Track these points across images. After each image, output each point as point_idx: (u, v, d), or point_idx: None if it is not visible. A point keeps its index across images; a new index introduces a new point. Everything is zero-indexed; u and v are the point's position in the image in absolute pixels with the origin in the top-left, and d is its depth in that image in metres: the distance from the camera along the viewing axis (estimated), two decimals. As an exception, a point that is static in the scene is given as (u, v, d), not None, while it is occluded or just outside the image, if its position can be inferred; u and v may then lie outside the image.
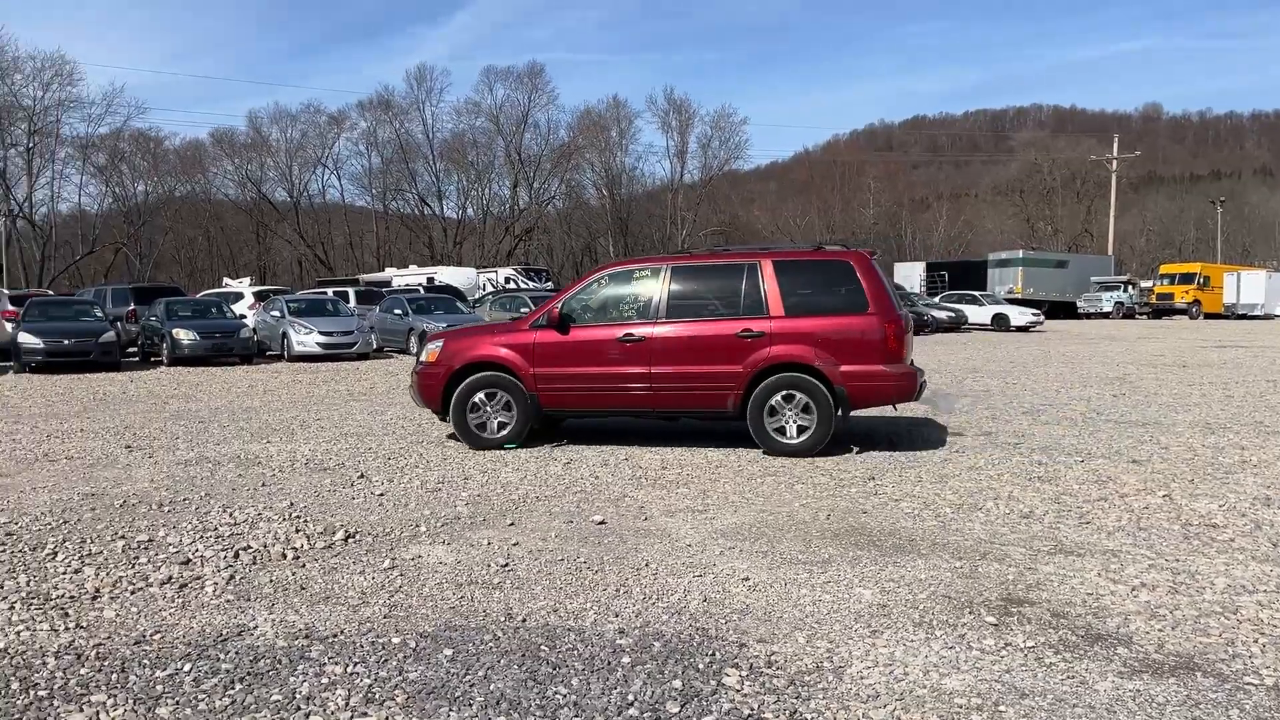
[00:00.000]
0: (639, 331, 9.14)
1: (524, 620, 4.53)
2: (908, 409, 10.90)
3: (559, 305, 9.43)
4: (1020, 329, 36.12)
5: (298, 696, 3.69)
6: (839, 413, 8.87)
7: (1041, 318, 38.29)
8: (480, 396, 9.37)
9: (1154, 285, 55.23)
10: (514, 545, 5.84)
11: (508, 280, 43.04)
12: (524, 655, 4.09)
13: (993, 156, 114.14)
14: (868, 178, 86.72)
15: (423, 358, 9.92)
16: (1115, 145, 68.40)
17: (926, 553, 5.61)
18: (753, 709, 3.57)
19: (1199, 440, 9.60)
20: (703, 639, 4.27)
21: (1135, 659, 4.02)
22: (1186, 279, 53.69)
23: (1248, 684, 3.76)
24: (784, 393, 8.88)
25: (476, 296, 34.61)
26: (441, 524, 6.38)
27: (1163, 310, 52.13)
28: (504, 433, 9.35)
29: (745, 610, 4.65)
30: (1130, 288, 52.90)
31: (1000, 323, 36.80)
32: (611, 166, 78.29)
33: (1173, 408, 12.28)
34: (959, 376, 17.02)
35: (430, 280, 39.11)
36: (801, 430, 8.83)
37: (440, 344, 9.79)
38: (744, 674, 3.88)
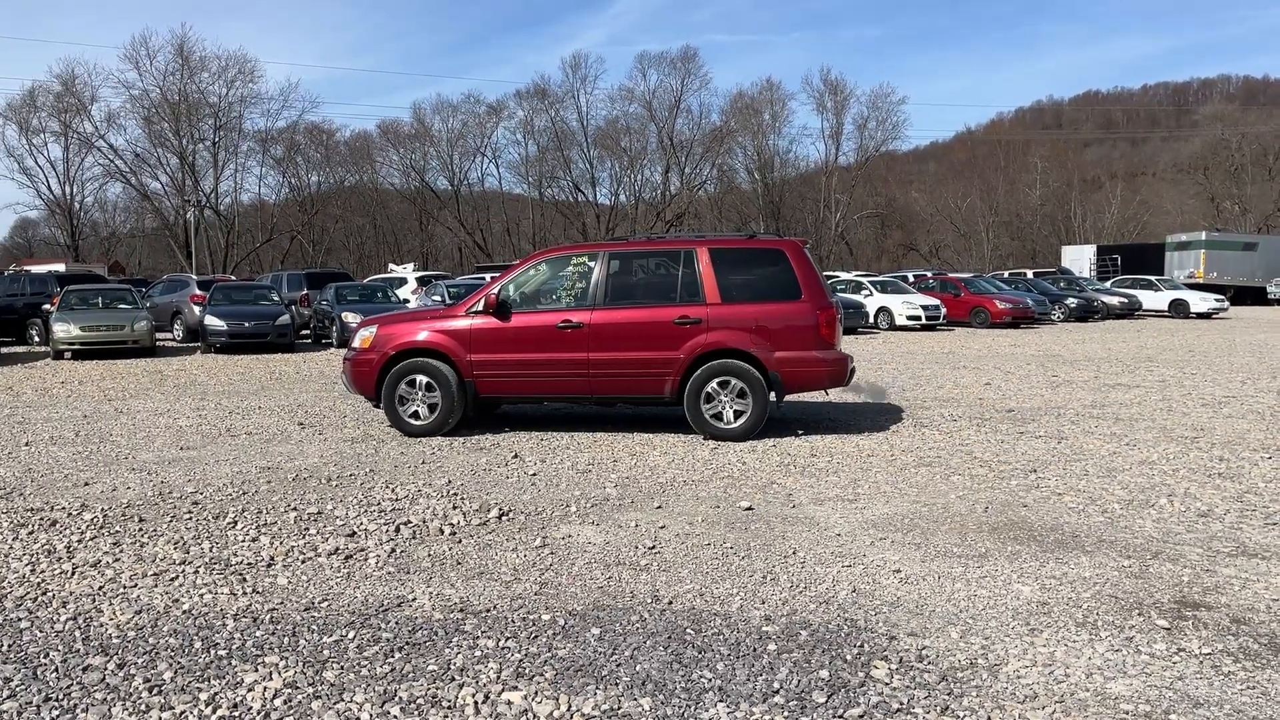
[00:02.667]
0: (577, 318, 9.16)
1: (670, 603, 4.56)
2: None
3: (495, 291, 9.38)
4: (1201, 316, 33.85)
5: (452, 667, 3.82)
6: (774, 397, 9.04)
7: (1226, 304, 35.76)
8: (411, 382, 9.33)
9: (1357, 269, 50.63)
10: (661, 528, 5.88)
11: (659, 265, 43.24)
12: (670, 638, 4.11)
13: (1174, 132, 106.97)
14: (1034, 157, 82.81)
15: (354, 344, 9.78)
16: (1314, 117, 62.89)
17: (1092, 550, 5.34)
18: (902, 703, 3.48)
19: (1407, 438, 8.76)
20: (851, 630, 4.19)
21: (1327, 673, 3.71)
22: (1395, 262, 48.92)
23: None
24: (720, 378, 8.96)
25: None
26: (591, 505, 6.49)
27: (1367, 296, 47.76)
28: (432, 418, 9.29)
29: (896, 602, 4.53)
30: (1329, 272, 48.66)
31: (1179, 309, 34.59)
32: (764, 149, 77.51)
33: (1377, 402, 11.24)
34: (1130, 366, 16.09)
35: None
36: (738, 415, 8.97)
37: (374, 330, 9.66)
38: (893, 667, 3.79)
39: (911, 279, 33.81)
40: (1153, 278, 39.06)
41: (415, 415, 9.36)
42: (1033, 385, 13.28)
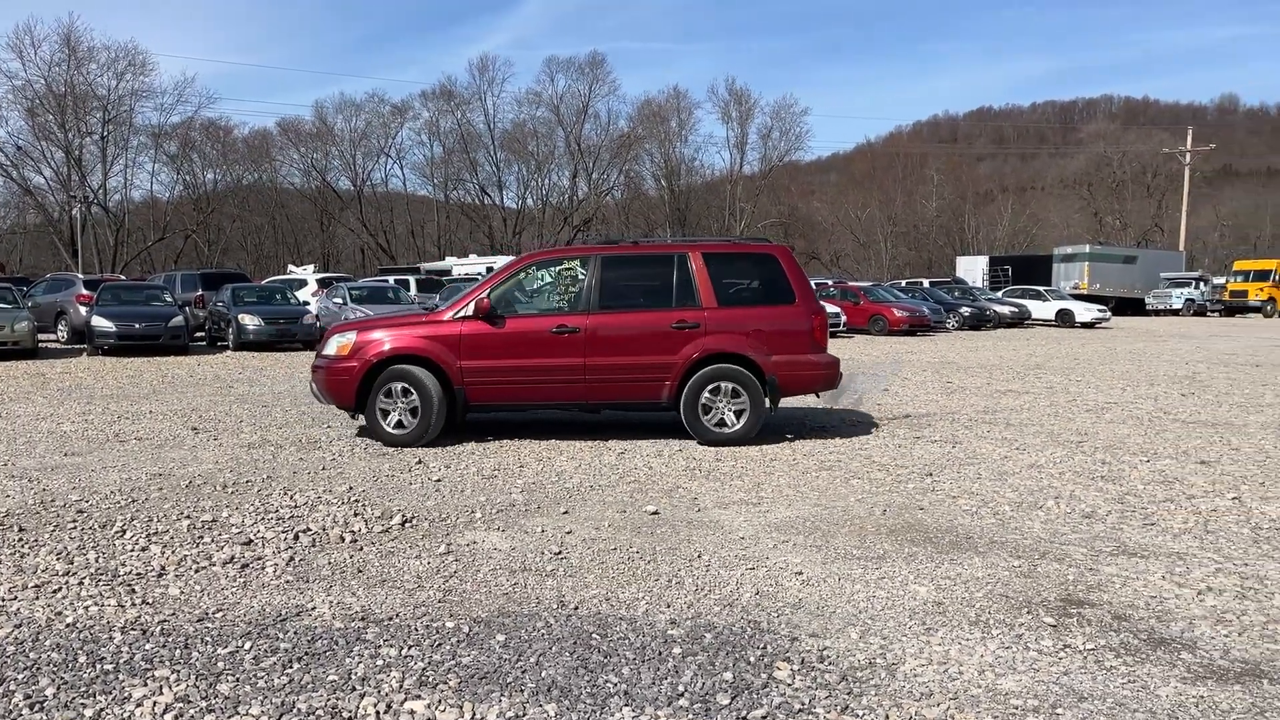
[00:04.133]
0: (573, 322, 9.01)
1: (576, 608, 4.56)
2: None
3: (487, 295, 9.09)
4: (1085, 325, 35.33)
5: (353, 677, 3.75)
6: (769, 401, 9.13)
7: (1108, 314, 37.38)
8: (390, 391, 8.92)
9: (1227, 282, 53.55)
10: (568, 533, 5.87)
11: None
12: (575, 643, 4.11)
13: (1060, 149, 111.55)
14: (930, 170, 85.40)
15: (328, 351, 9.25)
16: (1189, 138, 66.46)
17: (984, 551, 5.53)
18: (804, 703, 3.55)
19: (1272, 442, 9.31)
20: (755, 632, 4.25)
21: (1200, 665, 3.92)
22: (1262, 276, 51.91)
23: (1318, 694, 3.64)
24: (717, 383, 9.03)
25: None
26: (497, 511, 6.44)
27: (1236, 308, 50.55)
28: (414, 427, 8.88)
29: (798, 604, 4.62)
30: (1202, 284, 51.42)
31: (1064, 318, 36.03)
32: (671, 157, 78.18)
33: (1245, 408, 11.92)
34: (1020, 373, 16.70)
35: (489, 270, 39.42)
36: (738, 416, 9.04)
37: (352, 336, 9.15)
38: (795, 668, 3.86)
39: (813, 287, 34.42)
40: (1041, 288, 40.61)
41: (399, 425, 8.93)
42: (928, 391, 13.68)
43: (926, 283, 43.73)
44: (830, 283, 37.40)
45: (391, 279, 31.70)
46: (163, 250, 65.29)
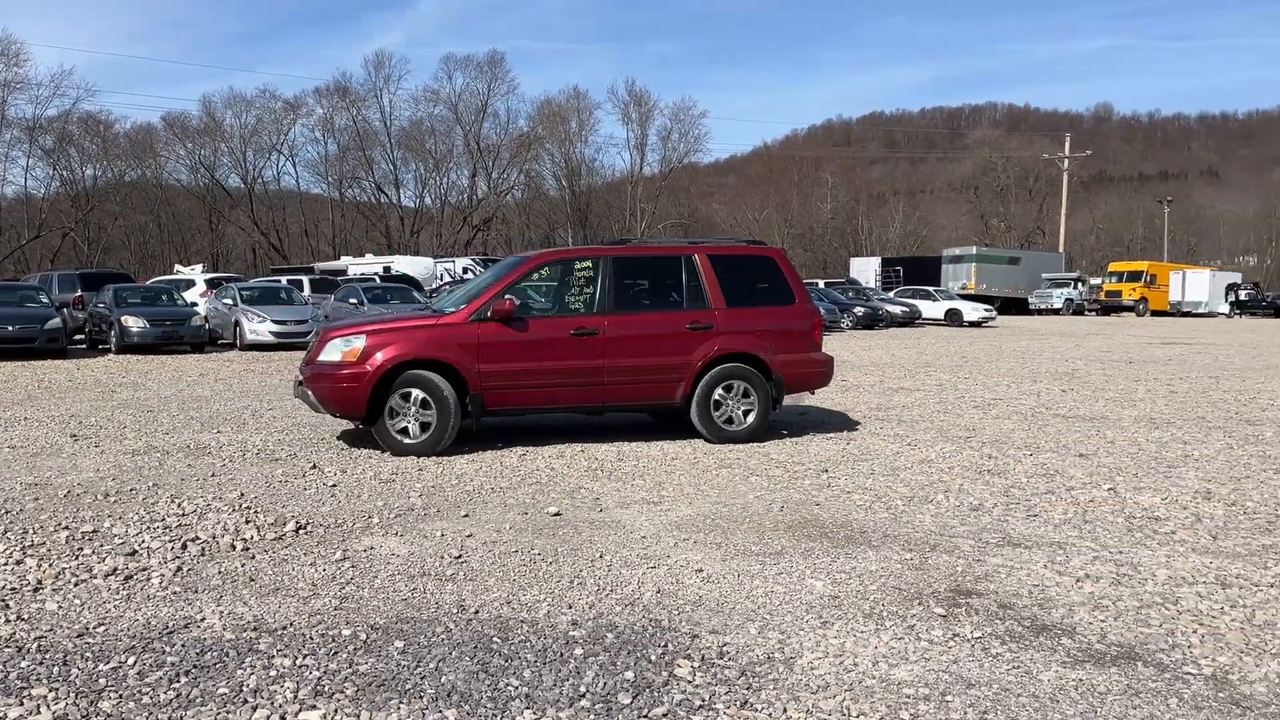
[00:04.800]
0: (592, 324, 8.92)
1: (477, 612, 4.52)
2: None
3: (505, 296, 8.80)
4: (973, 324, 36.58)
5: (245, 689, 3.64)
6: (775, 399, 9.42)
7: (994, 313, 38.78)
8: (406, 396, 8.49)
9: (1103, 283, 56.19)
10: (468, 537, 5.82)
11: (465, 270, 42.76)
12: (476, 647, 4.08)
13: (948, 154, 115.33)
14: (825, 173, 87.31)
15: (328, 356, 8.66)
16: (1067, 144, 69.50)
17: (878, 544, 5.68)
18: (704, 700, 3.59)
19: (1144, 435, 9.80)
20: (656, 630, 4.28)
21: (1078, 649, 4.10)
22: (1134, 277, 54.69)
23: (1186, 673, 3.85)
24: (728, 381, 9.18)
25: (434, 286, 34.35)
26: (395, 515, 6.33)
27: (1111, 307, 53.07)
28: (426, 435, 8.48)
29: (698, 602, 4.67)
30: (1080, 285, 53.81)
31: (953, 318, 37.24)
32: (571, 157, 78.13)
33: (1119, 403, 12.52)
34: (911, 370, 17.21)
35: (386, 269, 38.71)
36: (745, 415, 9.24)
37: (360, 340, 8.58)
38: (696, 665, 3.90)
39: None
40: (930, 288, 41.89)
41: (405, 432, 8.47)
42: (824, 390, 13.96)
43: (822, 283, 44.62)
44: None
45: (284, 279, 30.87)
46: (38, 249, 62.20)
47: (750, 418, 9.22)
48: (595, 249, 9.70)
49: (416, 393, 8.51)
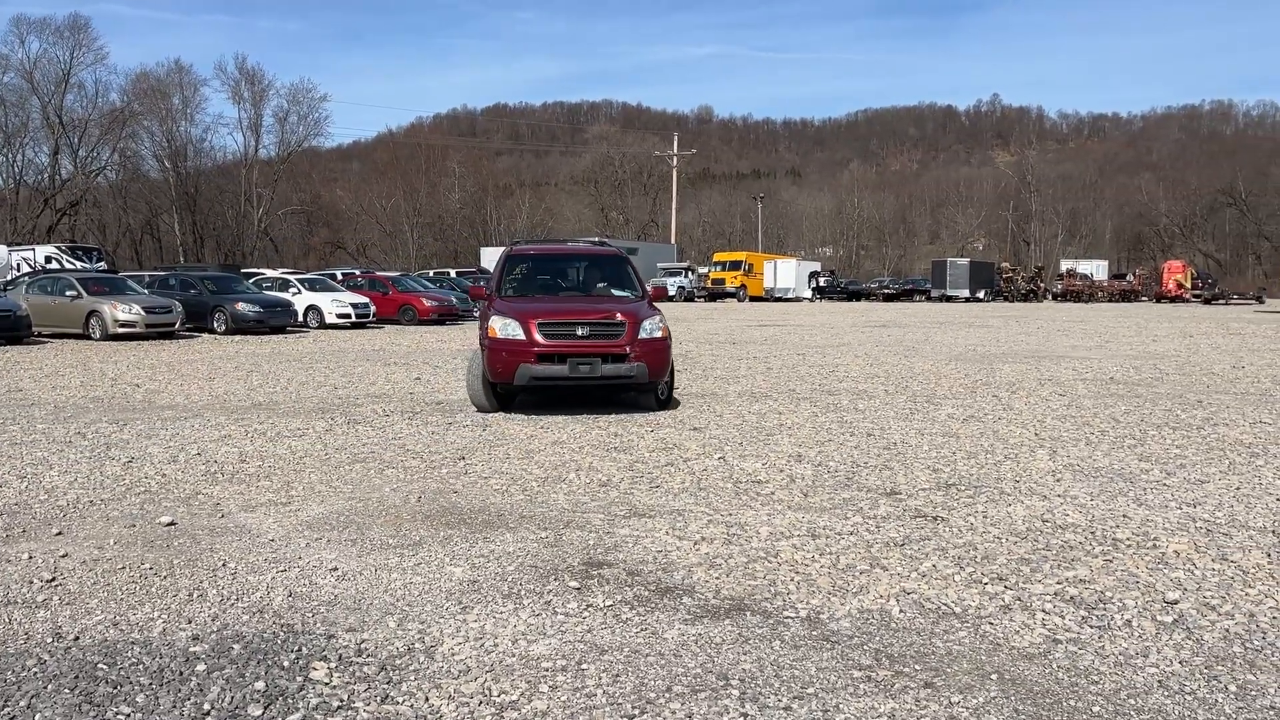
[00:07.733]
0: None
1: (76, 639, 4.04)
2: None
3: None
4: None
5: None
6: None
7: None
8: None
9: (709, 271, 61.33)
10: (62, 557, 5.17)
11: (49, 260, 37.71)
12: (77, 677, 3.65)
13: (570, 148, 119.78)
14: (452, 162, 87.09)
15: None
16: (675, 143, 74.93)
17: (515, 526, 5.81)
18: (343, 699, 3.48)
19: (746, 408, 10.84)
20: (288, 635, 4.08)
21: (697, 606, 4.47)
22: (735, 266, 60.29)
23: (786, 618, 4.33)
24: None
25: (9, 277, 30.00)
26: (-34, 541, 5.48)
27: (717, 294, 58.07)
28: None
29: (334, 601, 4.51)
30: (690, 274, 58.33)
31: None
32: (175, 136, 71.43)
33: (725, 380, 13.74)
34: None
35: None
36: None
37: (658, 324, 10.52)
38: (333, 666, 3.77)
39: (340, 277, 33.60)
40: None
41: None
42: (459, 379, 13.99)
43: (454, 273, 44.61)
44: (358, 273, 36.73)
45: None
46: None
47: None
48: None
49: None
